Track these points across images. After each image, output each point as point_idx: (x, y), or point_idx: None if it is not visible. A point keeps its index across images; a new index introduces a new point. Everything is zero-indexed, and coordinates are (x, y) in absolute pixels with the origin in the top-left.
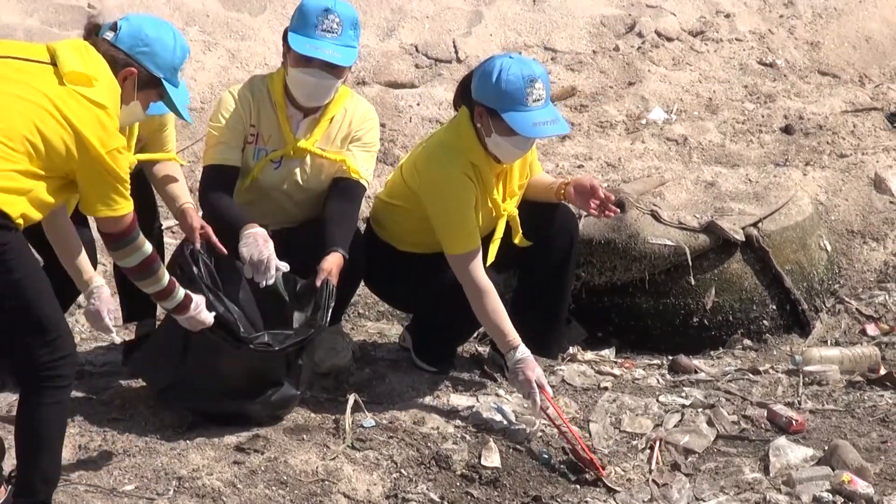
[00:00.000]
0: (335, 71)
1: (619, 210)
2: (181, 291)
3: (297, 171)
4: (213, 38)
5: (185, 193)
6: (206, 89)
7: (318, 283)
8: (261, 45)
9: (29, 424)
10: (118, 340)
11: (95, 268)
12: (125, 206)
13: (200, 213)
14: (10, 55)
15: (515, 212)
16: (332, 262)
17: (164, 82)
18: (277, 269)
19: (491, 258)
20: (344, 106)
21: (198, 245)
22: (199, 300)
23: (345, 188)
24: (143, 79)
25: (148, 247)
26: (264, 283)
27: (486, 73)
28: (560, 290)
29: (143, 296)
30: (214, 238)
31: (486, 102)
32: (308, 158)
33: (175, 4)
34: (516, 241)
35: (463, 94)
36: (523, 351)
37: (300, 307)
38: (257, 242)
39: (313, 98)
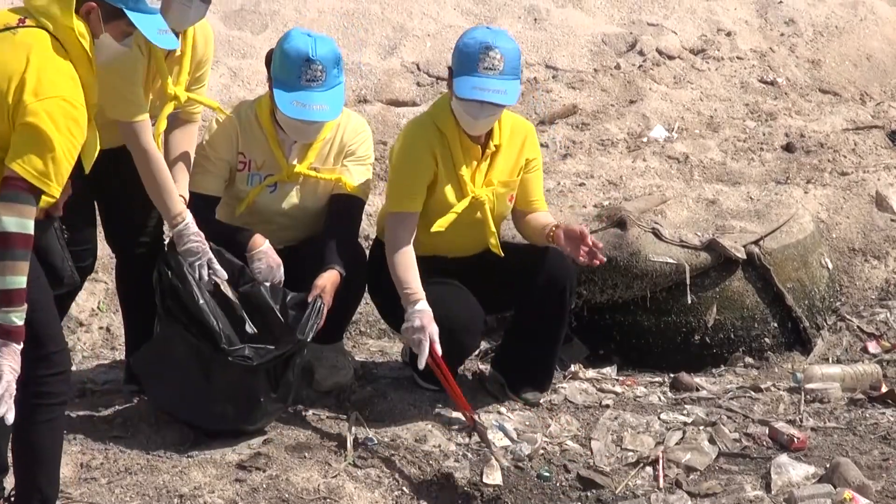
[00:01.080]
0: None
1: (604, 259)
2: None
3: (294, 193)
4: (214, 56)
5: (186, 187)
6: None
7: (310, 299)
8: (262, 63)
9: (24, 443)
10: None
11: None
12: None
13: None
14: None
15: (487, 200)
16: (327, 280)
17: (128, 11)
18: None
19: (439, 227)
20: (335, 123)
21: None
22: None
23: (342, 205)
24: (106, 10)
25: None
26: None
27: (460, 37)
28: (555, 330)
29: (149, 325)
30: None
31: (451, 64)
32: (303, 180)
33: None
34: (491, 242)
35: None
36: (423, 305)
37: (287, 320)
38: (271, 267)
39: (306, 139)
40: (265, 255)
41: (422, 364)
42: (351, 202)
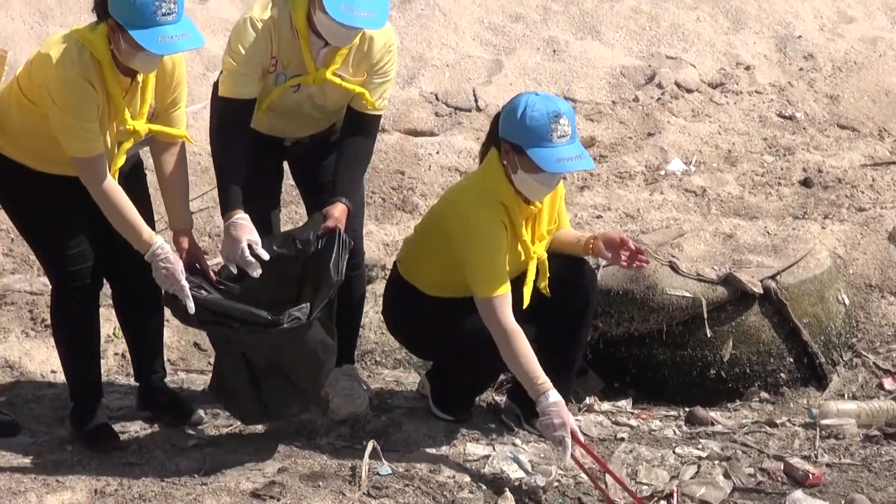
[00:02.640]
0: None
1: (648, 262)
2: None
3: (315, 94)
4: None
5: (184, 210)
6: None
7: (321, 233)
8: None
9: None
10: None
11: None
12: None
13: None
14: None
15: (545, 255)
16: (342, 212)
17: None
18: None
19: (526, 301)
20: (364, 31)
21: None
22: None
23: (360, 121)
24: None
25: None
26: (255, 273)
27: (512, 110)
28: (574, 342)
29: (151, 356)
30: (204, 264)
31: (511, 139)
32: (326, 84)
33: (197, 50)
34: (542, 285)
35: (491, 135)
36: (555, 395)
37: (317, 266)
38: (233, 240)
39: (343, 44)
40: (233, 226)
41: (566, 461)
42: (369, 119)
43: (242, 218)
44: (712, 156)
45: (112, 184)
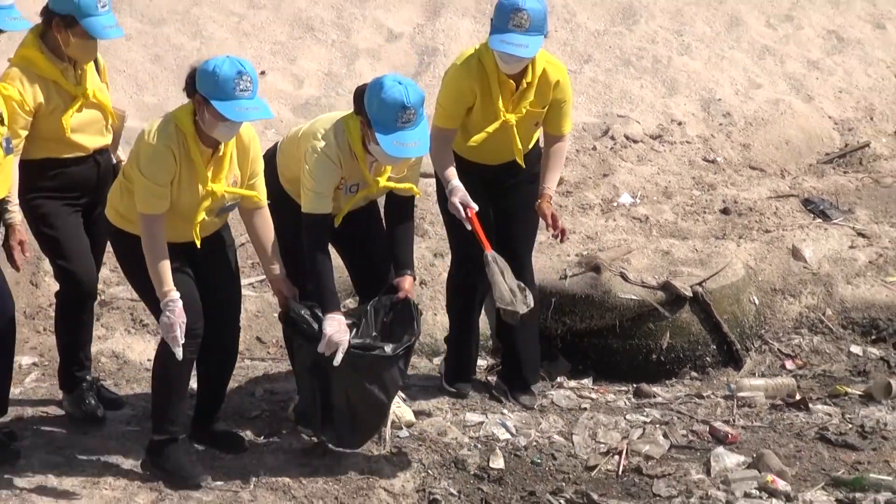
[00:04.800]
0: None
1: (567, 237)
2: None
3: (372, 193)
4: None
5: (276, 262)
6: None
7: (398, 301)
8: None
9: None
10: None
11: None
12: None
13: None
14: None
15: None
16: (410, 284)
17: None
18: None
19: (474, 142)
20: None
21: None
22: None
23: (405, 205)
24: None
25: None
26: (335, 362)
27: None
28: (530, 331)
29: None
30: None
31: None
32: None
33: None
34: (516, 153)
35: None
36: (458, 182)
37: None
38: (339, 330)
39: (393, 164)
40: (338, 320)
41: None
42: (409, 201)
43: (339, 320)
44: (653, 191)
45: (160, 241)
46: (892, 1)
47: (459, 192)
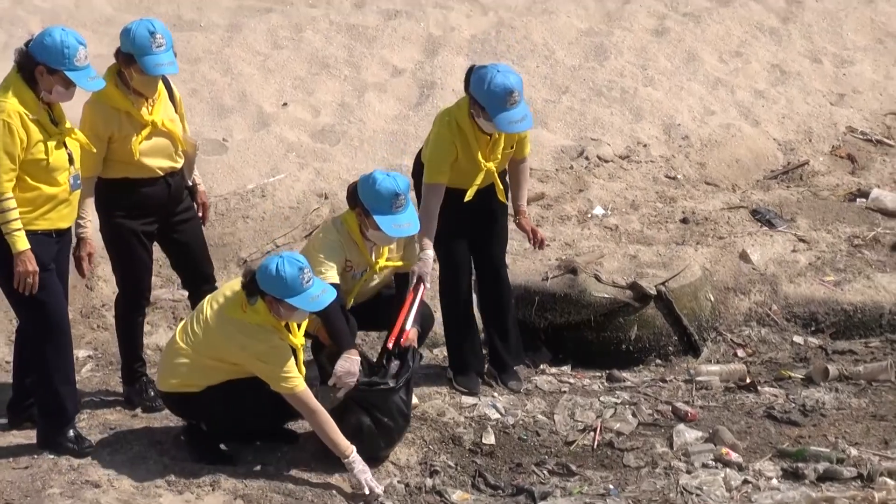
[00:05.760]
0: None
1: (548, 244)
2: None
3: (375, 277)
4: (305, 161)
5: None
6: (300, 194)
7: (405, 347)
8: (337, 165)
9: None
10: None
11: None
12: None
13: None
14: None
15: (493, 168)
16: (415, 335)
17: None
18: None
19: (468, 197)
20: None
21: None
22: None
23: (406, 279)
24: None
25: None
26: (340, 394)
27: (477, 76)
28: (503, 317)
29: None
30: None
31: (476, 96)
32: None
33: (279, 138)
34: (498, 190)
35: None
36: (431, 253)
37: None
38: (353, 367)
39: (390, 244)
40: (354, 360)
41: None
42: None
43: (354, 361)
44: (622, 204)
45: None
46: (827, 38)
47: (427, 264)
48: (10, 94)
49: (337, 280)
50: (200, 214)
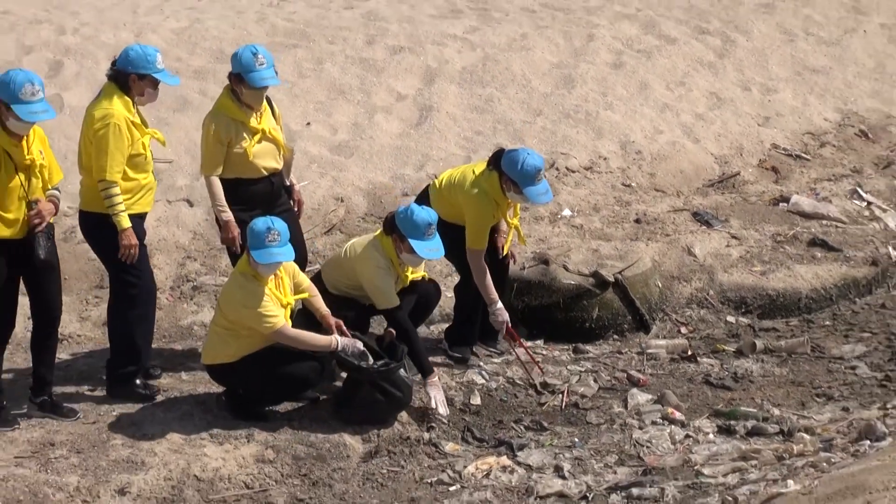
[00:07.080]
0: None
1: (514, 259)
2: None
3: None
4: (325, 171)
5: (322, 306)
6: (321, 198)
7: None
8: (351, 175)
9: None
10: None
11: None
12: None
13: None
14: None
15: (517, 224)
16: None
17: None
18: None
19: (505, 251)
20: None
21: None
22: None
23: (417, 283)
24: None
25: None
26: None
27: (510, 158)
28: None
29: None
30: (345, 329)
31: (510, 174)
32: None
33: (303, 152)
34: (520, 238)
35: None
36: (499, 304)
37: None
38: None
39: (419, 265)
40: (436, 386)
41: (503, 337)
42: (430, 284)
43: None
44: (586, 207)
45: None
46: (756, 71)
47: (504, 314)
48: (114, 101)
49: (397, 299)
50: (296, 209)
